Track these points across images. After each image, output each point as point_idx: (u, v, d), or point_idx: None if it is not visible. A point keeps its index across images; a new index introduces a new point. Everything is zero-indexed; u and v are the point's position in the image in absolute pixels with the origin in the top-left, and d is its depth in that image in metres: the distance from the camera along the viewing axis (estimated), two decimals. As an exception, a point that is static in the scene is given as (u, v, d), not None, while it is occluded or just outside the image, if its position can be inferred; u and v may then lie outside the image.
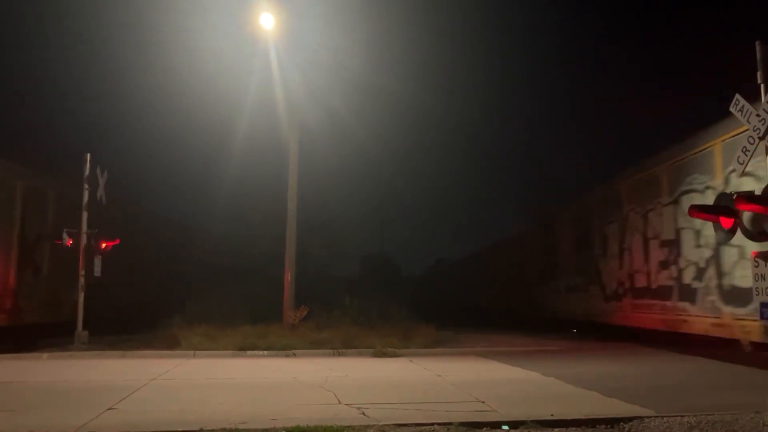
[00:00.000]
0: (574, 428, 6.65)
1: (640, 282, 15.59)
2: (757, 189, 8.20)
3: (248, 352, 14.19)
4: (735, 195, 7.63)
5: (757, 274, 7.41)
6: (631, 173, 16.54)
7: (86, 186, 15.97)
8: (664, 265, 14.41)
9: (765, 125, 7.41)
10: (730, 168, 11.31)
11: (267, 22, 17.03)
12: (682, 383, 10.15)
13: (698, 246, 12.91)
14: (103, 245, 16.04)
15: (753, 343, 11.22)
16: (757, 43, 7.59)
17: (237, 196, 24.53)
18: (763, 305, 7.34)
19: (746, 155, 7.77)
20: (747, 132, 7.80)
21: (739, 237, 8.28)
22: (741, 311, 11.28)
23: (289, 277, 17.88)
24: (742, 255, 11.11)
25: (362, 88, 23.80)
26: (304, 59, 18.51)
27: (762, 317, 7.48)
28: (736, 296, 11.47)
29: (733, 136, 11.34)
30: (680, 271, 13.65)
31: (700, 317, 12.75)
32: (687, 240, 13.44)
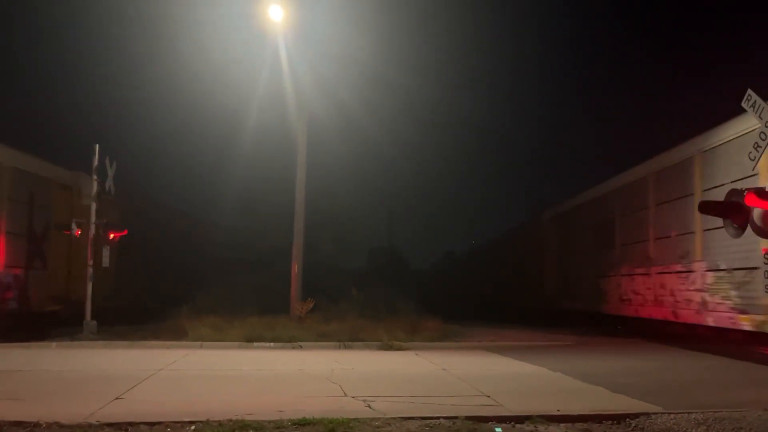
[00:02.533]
0: (580, 423, 6.63)
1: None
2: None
3: (255, 344, 14.23)
4: (746, 191, 7.54)
5: (767, 271, 7.34)
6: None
7: (95, 177, 16.01)
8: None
9: (777, 121, 7.32)
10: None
11: (276, 14, 16.98)
12: (689, 379, 10.10)
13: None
14: (111, 236, 16.08)
15: None
16: (770, 37, 7.49)
17: (246, 189, 24.59)
18: (773, 302, 7.28)
19: (758, 151, 7.68)
20: (759, 128, 7.71)
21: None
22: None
23: (296, 269, 17.90)
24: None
25: (372, 80, 23.75)
26: (314, 52, 18.47)
27: (772, 314, 7.42)
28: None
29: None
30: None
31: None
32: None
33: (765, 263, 7.38)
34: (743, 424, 6.50)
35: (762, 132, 7.59)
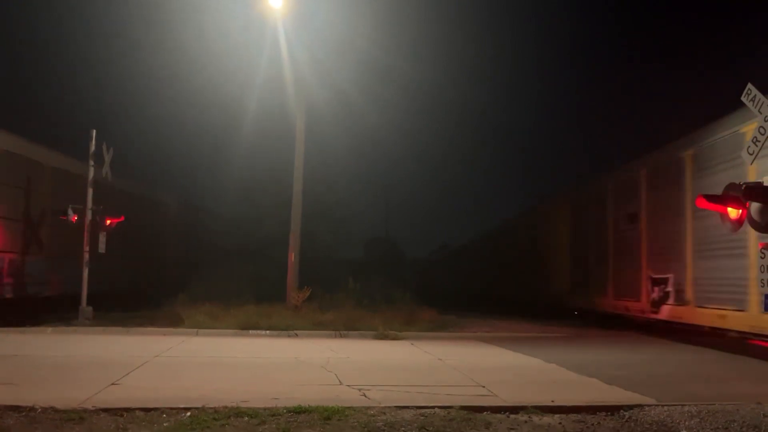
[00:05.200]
0: (574, 415, 6.66)
1: None
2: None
3: (251, 332, 14.25)
4: (744, 185, 7.54)
5: (763, 265, 7.35)
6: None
7: (91, 163, 15.92)
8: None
9: (777, 116, 7.30)
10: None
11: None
12: (684, 372, 10.16)
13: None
14: (108, 222, 16.03)
15: None
16: (771, 31, 7.46)
17: (245, 177, 24.57)
18: (767, 297, 7.30)
19: (757, 146, 7.67)
20: (758, 122, 7.70)
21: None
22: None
23: (292, 258, 17.90)
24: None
25: (371, 67, 23.69)
26: (313, 38, 18.39)
27: (765, 309, 7.44)
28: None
29: None
30: None
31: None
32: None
33: (761, 258, 7.39)
34: (736, 417, 6.54)
35: (761, 127, 7.58)
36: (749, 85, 7.75)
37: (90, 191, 15.80)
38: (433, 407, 6.65)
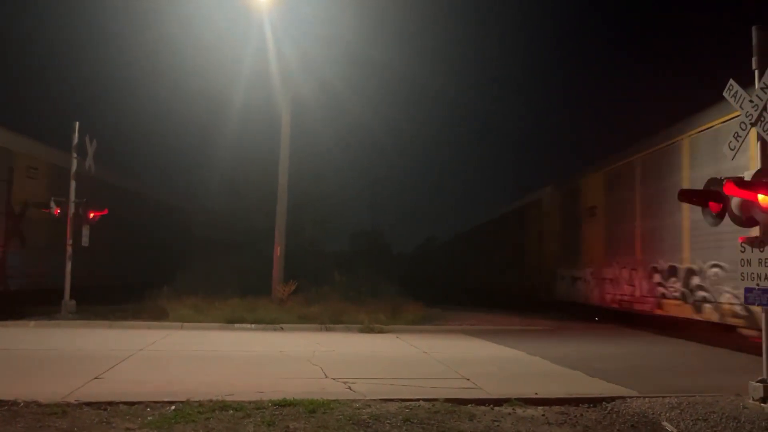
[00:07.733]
0: (557, 406, 6.72)
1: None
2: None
3: (236, 325, 14.20)
4: (725, 180, 7.62)
5: (743, 259, 7.45)
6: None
7: (74, 155, 15.75)
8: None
9: (758, 111, 7.38)
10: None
11: (261, -9, 16.74)
12: (665, 365, 10.29)
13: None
14: (91, 215, 15.84)
15: None
16: (753, 28, 7.52)
17: (231, 170, 24.43)
18: (747, 290, 7.39)
19: (738, 141, 7.76)
20: (739, 118, 7.79)
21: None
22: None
23: (278, 251, 17.84)
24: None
25: (357, 60, 23.61)
26: (299, 31, 18.28)
27: (746, 301, 7.54)
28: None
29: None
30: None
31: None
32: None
33: (741, 251, 7.49)
34: (716, 409, 6.64)
35: (742, 122, 7.67)
36: (731, 81, 7.83)
37: (73, 183, 15.64)
38: (417, 400, 6.68)
